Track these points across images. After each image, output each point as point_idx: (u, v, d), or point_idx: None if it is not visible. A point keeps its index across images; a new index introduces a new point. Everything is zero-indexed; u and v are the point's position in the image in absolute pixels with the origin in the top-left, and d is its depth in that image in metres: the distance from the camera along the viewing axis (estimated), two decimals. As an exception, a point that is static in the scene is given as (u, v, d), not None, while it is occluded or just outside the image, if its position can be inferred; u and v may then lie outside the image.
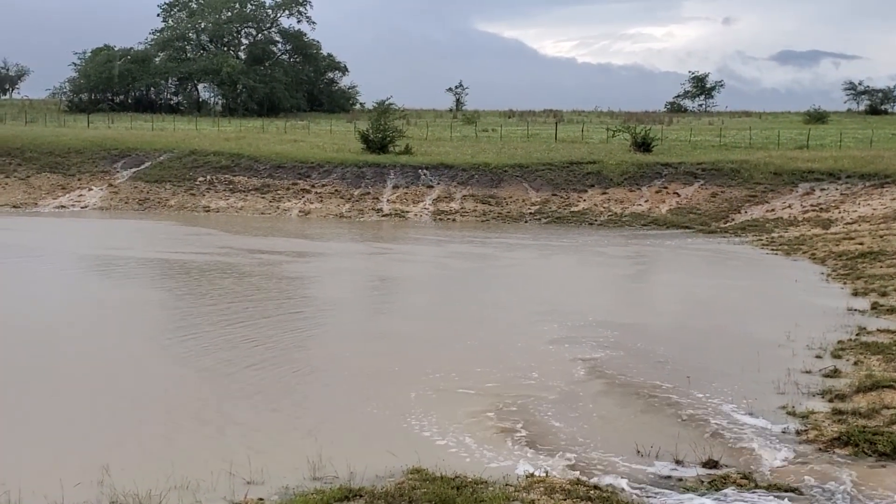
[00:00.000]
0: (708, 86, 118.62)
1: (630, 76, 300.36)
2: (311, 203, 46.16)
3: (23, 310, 20.78)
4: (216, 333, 18.05)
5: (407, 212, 44.45)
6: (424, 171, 48.06)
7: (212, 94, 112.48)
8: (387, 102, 62.20)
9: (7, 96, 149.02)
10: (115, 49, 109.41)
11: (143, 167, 50.98)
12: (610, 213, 42.54)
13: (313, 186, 47.87)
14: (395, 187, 46.96)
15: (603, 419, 13.12)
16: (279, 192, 47.51)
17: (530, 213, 43.38)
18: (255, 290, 23.56)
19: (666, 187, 44.71)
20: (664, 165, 46.68)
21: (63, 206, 46.14)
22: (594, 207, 43.35)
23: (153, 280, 25.99)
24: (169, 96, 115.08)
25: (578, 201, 44.23)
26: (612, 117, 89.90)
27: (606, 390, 14.60)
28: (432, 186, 46.91)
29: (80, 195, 47.88)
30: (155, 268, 28.09)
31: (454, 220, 43.02)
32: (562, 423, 12.80)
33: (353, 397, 13.97)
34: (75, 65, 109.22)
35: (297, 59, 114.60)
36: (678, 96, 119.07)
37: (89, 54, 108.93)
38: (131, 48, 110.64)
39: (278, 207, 45.76)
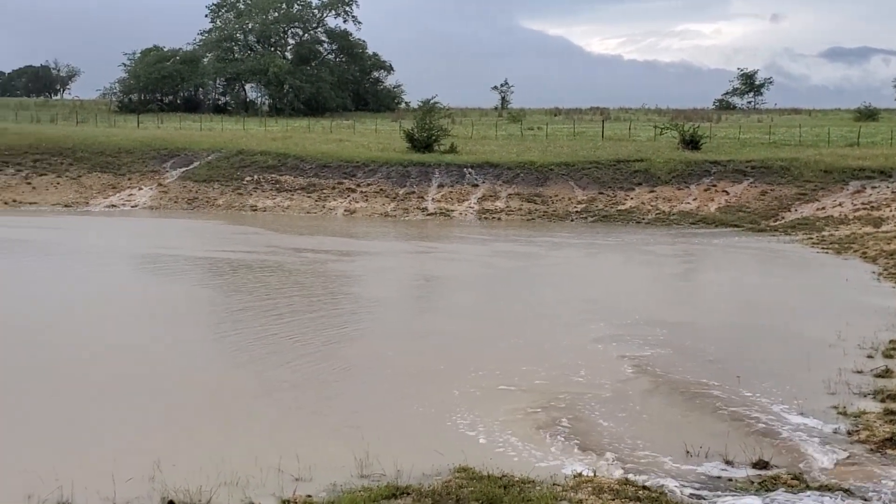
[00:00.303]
0: (757, 83, 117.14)
1: (677, 73, 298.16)
2: (357, 202, 46.33)
3: (73, 307, 21.10)
4: (264, 331, 18.18)
5: (452, 211, 44.45)
6: (469, 169, 48.03)
7: (259, 94, 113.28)
8: (432, 101, 62.22)
9: (58, 97, 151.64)
10: (165, 50, 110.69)
11: (191, 167, 51.52)
12: (657, 212, 42.21)
13: (358, 185, 48.05)
14: (440, 186, 46.98)
15: (651, 418, 13.02)
16: (325, 191, 47.75)
17: (576, 212, 43.17)
18: (300, 288, 23.72)
19: (714, 185, 44.27)
20: (713, 163, 46.21)
21: (113, 206, 46.76)
22: (641, 206, 43.03)
23: (201, 278, 26.25)
24: (217, 96, 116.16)
25: (625, 200, 43.94)
26: (660, 115, 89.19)
27: (654, 389, 14.49)
28: (477, 185, 46.87)
29: (131, 194, 48.49)
30: (203, 266, 28.37)
31: (499, 218, 42.94)
32: (609, 422, 12.73)
33: (399, 395, 14.01)
34: (125, 65, 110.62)
35: (343, 59, 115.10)
36: (727, 93, 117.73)
37: (139, 55, 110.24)
38: (180, 49, 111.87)
39: (324, 206, 45.98)
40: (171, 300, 22.05)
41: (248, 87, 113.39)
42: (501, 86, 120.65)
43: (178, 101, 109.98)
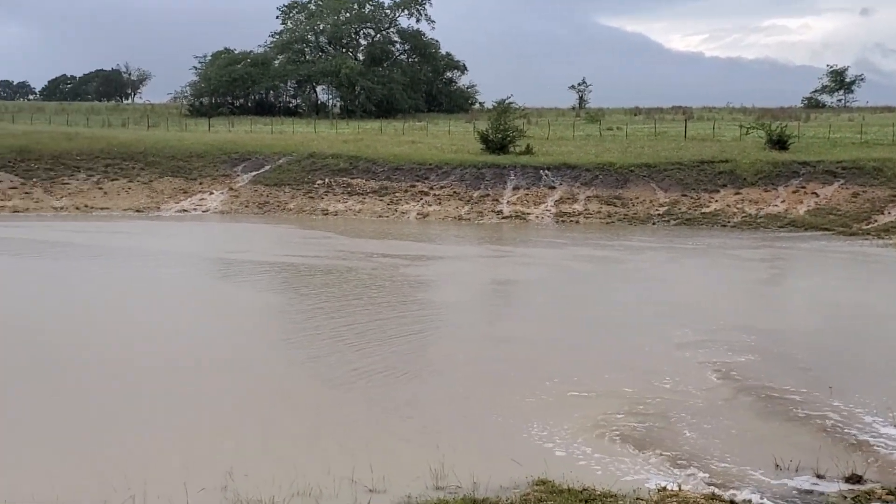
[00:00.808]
0: (847, 80, 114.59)
1: (762, 71, 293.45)
2: (430, 205, 46.47)
3: (143, 312, 21.50)
4: (335, 337, 18.31)
5: (528, 214, 44.32)
6: (546, 171, 47.83)
7: (330, 96, 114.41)
8: (507, 101, 62.13)
9: (129, 101, 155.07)
10: (236, 52, 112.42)
11: (262, 171, 52.21)
12: (743, 215, 41.53)
13: (431, 188, 48.18)
14: (516, 188, 46.87)
15: (739, 429, 12.78)
16: (397, 194, 47.99)
17: (658, 215, 42.70)
18: (373, 293, 23.84)
19: (804, 187, 43.38)
20: (801, 164, 45.29)
21: (185, 210, 47.60)
22: (726, 208, 42.38)
23: (271, 283, 26.57)
24: (288, 99, 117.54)
25: (710, 202, 43.31)
26: (745, 114, 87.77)
27: (742, 398, 14.23)
28: (554, 187, 46.65)
29: (202, 199, 49.32)
30: (273, 271, 28.71)
31: (577, 221, 42.68)
32: (695, 433, 12.53)
33: (474, 403, 13.97)
34: (196, 69, 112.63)
35: (416, 59, 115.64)
36: (815, 91, 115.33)
37: (210, 58, 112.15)
38: (251, 51, 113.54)
39: (396, 210, 46.20)
40: (240, 306, 22.35)
41: (319, 89, 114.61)
42: (579, 85, 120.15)
43: (249, 104, 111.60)
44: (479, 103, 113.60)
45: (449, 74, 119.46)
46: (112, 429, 12.77)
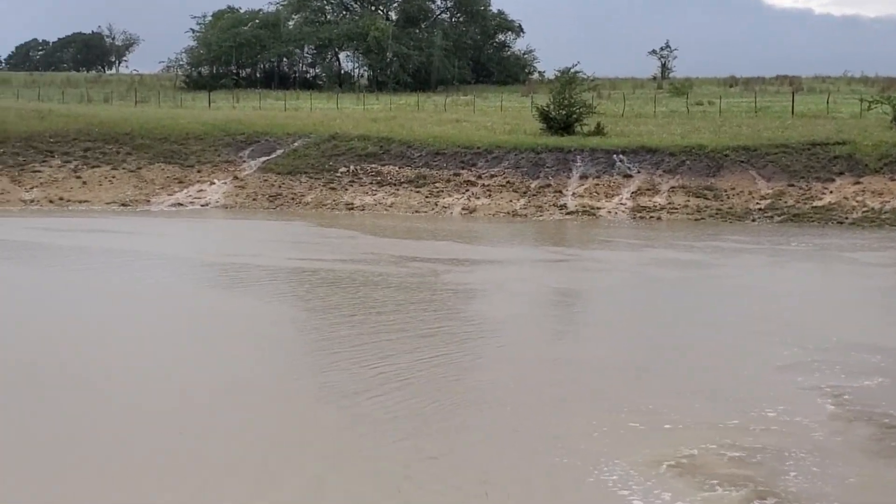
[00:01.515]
0: None
1: (886, 31, 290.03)
2: (477, 198, 46.48)
3: (130, 327, 21.72)
4: (363, 359, 18.36)
5: (598, 208, 44.21)
6: (620, 156, 47.67)
7: (356, 65, 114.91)
8: (572, 70, 61.98)
9: (114, 71, 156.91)
10: (241, 12, 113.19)
11: (273, 156, 52.52)
12: (864, 209, 41.13)
13: (480, 177, 48.19)
14: (583, 177, 46.77)
15: (863, 473, 12.66)
16: (437, 184, 48.04)
17: (759, 209, 42.41)
18: (407, 305, 23.90)
19: (941, 175, 42.94)
20: (938, 146, 44.82)
21: (180, 204, 48.00)
22: (844, 201, 42.00)
23: (285, 294, 26.72)
24: (304, 68, 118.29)
25: (823, 193, 42.95)
26: (867, 84, 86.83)
27: (866, 433, 14.10)
28: (630, 176, 46.49)
29: (201, 190, 49.70)
30: (288, 278, 28.89)
31: (659, 217, 42.52)
32: (807, 479, 12.41)
33: (530, 437, 13.96)
34: (193, 32, 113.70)
35: (460, 19, 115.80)
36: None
37: (210, 19, 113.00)
38: (259, 10, 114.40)
39: (436, 204, 46.27)
40: (249, 321, 22.50)
41: (342, 56, 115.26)
42: (661, 49, 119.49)
43: (258, 75, 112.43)
44: (539, 73, 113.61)
45: (501, 38, 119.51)
46: (109, 459, 12.92)
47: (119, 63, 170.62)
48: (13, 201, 47.09)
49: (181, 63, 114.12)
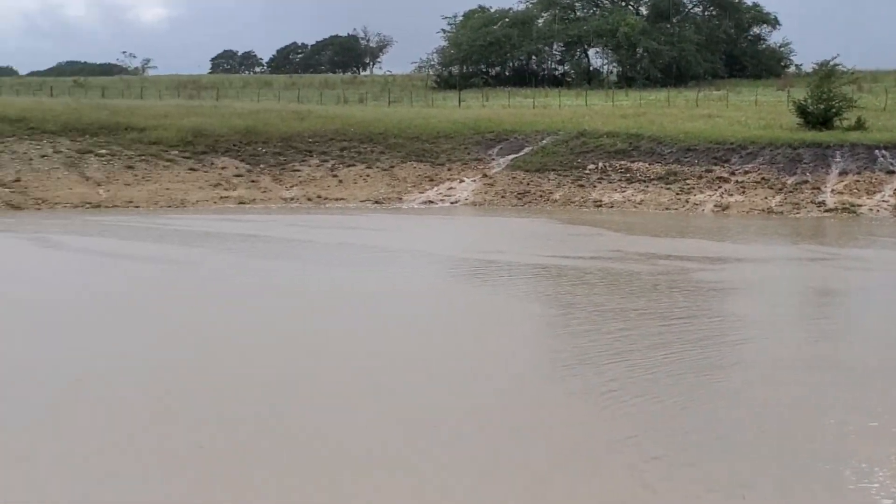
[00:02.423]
0: None
1: None
2: (730, 195, 45.49)
3: (371, 321, 22.12)
4: (615, 358, 18.09)
5: (858, 205, 42.52)
6: (883, 151, 45.75)
7: (605, 61, 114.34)
8: (831, 63, 60.06)
9: (367, 72, 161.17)
10: (492, 11, 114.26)
11: (522, 153, 52.80)
12: None
13: (732, 174, 47.15)
14: (843, 173, 45.10)
15: None
16: (688, 181, 47.28)
17: None
18: (656, 304, 23.52)
19: None
20: None
21: (430, 202, 48.83)
22: None
23: (531, 290, 26.73)
24: (553, 66, 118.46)
25: None
26: None
27: None
28: (894, 172, 44.53)
29: (450, 188, 50.45)
30: (533, 275, 28.90)
31: (925, 215, 40.63)
32: None
33: (794, 447, 13.40)
34: (444, 32, 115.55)
35: (713, 13, 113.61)
36: None
37: (460, 19, 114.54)
38: (510, 9, 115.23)
39: (687, 201, 45.53)
40: (497, 318, 22.60)
41: (591, 52, 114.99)
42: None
43: (507, 73, 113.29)
44: (795, 66, 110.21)
45: (756, 30, 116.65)
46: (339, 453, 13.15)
47: (373, 64, 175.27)
48: (274, 199, 48.99)
49: (432, 63, 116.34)
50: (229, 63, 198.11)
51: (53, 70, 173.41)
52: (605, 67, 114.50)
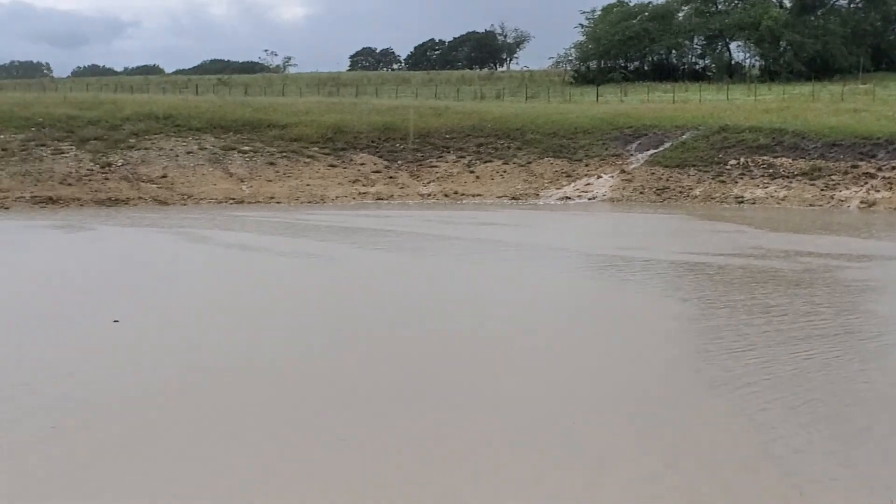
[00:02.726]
0: None
1: None
2: (876, 191, 44.34)
3: (505, 314, 22.13)
4: (759, 358, 17.79)
5: None
6: None
7: (747, 55, 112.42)
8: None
9: (504, 68, 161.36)
10: (630, 5, 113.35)
11: (661, 149, 52.28)
12: None
13: (879, 169, 45.96)
14: None
15: None
16: (833, 177, 46.24)
17: None
18: (800, 303, 23.04)
19: None
20: None
21: (567, 198, 48.69)
22: None
23: (668, 287, 26.42)
24: (693, 60, 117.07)
25: None
26: None
27: None
28: None
29: (588, 184, 50.23)
30: (671, 272, 28.56)
31: None
32: None
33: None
34: (582, 27, 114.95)
35: (859, 5, 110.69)
36: None
37: (599, 14, 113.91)
38: (649, 3, 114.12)
39: (832, 197, 44.54)
40: (631, 314, 22.41)
41: (733, 46, 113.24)
42: None
43: (646, 68, 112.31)
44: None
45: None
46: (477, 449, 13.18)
47: (510, 60, 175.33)
48: (412, 195, 49.42)
49: (570, 58, 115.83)
50: (367, 60, 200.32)
51: (198, 68, 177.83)
52: (748, 61, 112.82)
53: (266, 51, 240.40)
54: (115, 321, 19.02)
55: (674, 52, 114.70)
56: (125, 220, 39.84)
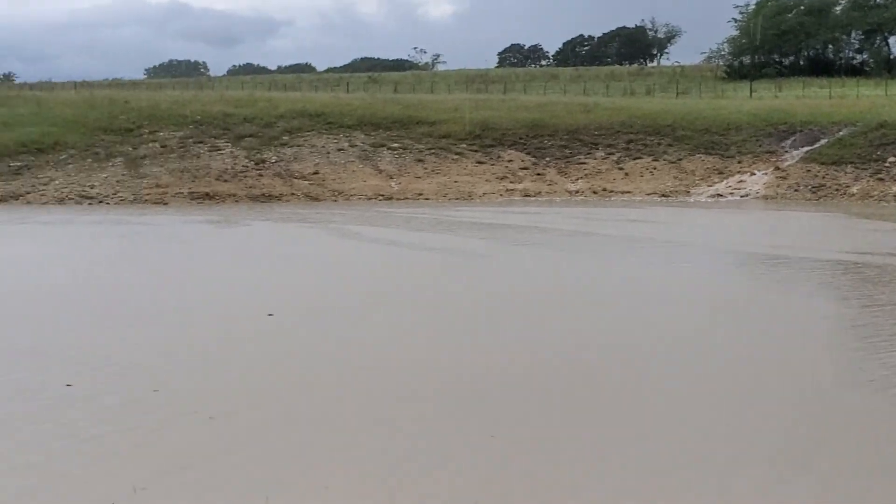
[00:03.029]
0: None
1: None
2: None
3: (663, 316, 21.90)
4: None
5: None
6: None
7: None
8: None
9: (654, 63, 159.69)
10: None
11: (817, 146, 51.18)
12: None
13: None
14: None
15: None
16: None
17: None
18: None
19: None
20: None
21: (719, 195, 47.99)
22: None
23: (822, 287, 25.84)
24: (851, 54, 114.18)
25: None
26: None
27: None
28: None
29: (741, 181, 49.43)
30: (827, 272, 27.92)
31: None
32: None
33: None
34: (735, 21, 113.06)
35: None
36: None
37: (752, 7, 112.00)
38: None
39: None
40: (783, 314, 21.98)
41: (892, 40, 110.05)
42: None
43: (801, 63, 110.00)
44: None
45: None
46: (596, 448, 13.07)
47: (660, 55, 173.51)
48: (559, 192, 49.33)
49: (722, 53, 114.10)
50: (516, 57, 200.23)
51: (349, 66, 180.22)
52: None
53: (415, 48, 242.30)
54: (270, 315, 19.40)
55: (830, 46, 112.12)
56: (278, 216, 40.63)
